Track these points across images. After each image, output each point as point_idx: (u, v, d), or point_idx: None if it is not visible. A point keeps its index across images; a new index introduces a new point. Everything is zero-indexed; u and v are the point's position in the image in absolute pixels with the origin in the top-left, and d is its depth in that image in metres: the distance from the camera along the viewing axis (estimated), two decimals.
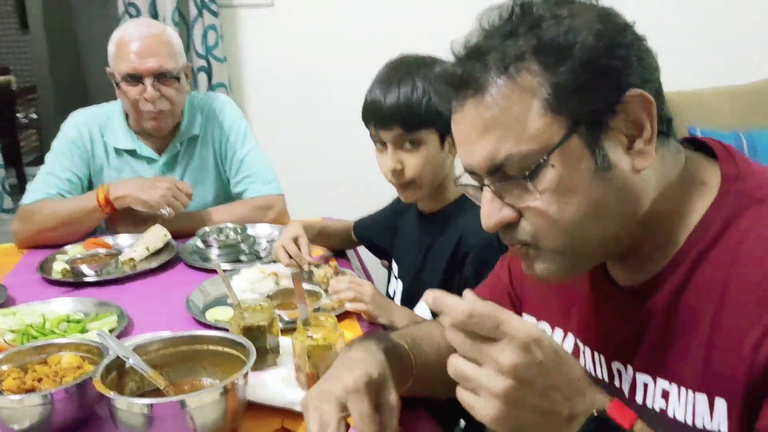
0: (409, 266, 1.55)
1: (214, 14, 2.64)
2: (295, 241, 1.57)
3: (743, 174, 0.77)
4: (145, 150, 1.93)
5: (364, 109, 1.41)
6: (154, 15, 2.63)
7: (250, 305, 1.21)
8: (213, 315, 1.38)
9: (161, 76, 1.80)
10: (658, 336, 0.78)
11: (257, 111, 2.80)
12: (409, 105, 1.34)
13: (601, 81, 0.72)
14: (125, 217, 1.85)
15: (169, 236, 1.75)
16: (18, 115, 4.43)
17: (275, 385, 1.10)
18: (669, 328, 0.77)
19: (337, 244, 1.79)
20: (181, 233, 1.79)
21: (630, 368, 0.82)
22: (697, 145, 0.83)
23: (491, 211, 0.77)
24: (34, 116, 4.54)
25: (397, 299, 1.57)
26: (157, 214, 1.76)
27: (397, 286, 1.59)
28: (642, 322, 0.79)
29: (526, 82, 0.72)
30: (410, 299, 1.50)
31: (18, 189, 2.95)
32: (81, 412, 1.03)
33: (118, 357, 1.02)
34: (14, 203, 2.38)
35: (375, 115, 1.38)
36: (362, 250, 1.88)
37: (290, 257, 1.55)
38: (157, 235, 1.73)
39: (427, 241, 1.49)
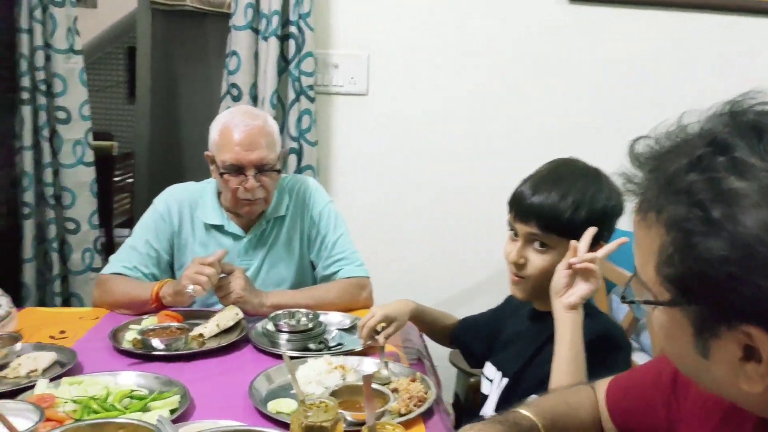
0: (513, 362, 1.47)
1: (311, 99, 2.71)
2: (388, 323, 1.58)
3: None
4: (233, 227, 1.96)
5: (511, 196, 1.43)
6: (254, 97, 2.73)
7: (314, 402, 1.15)
8: (275, 406, 1.33)
9: (262, 168, 1.84)
10: None
11: (341, 194, 2.84)
12: (553, 209, 1.35)
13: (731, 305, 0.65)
14: None
15: (241, 315, 1.73)
16: (115, 179, 4.66)
17: None
18: None
19: (436, 337, 1.81)
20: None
21: None
22: None
23: None
24: (130, 180, 4.76)
25: (493, 398, 1.47)
26: (186, 293, 1.72)
27: (492, 386, 1.50)
28: None
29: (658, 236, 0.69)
30: (511, 394, 1.41)
31: (106, 249, 3.06)
32: None
33: None
34: (103, 263, 2.44)
35: (518, 206, 1.40)
36: None
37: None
38: (229, 314, 1.72)
39: (540, 337, 1.43)
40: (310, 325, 1.68)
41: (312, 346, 1.64)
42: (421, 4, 2.74)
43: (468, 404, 2.37)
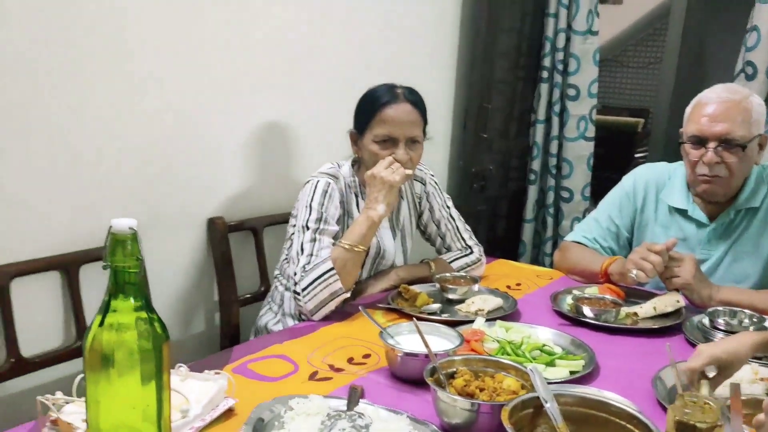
0: None
1: None
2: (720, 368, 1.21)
3: None
4: (697, 213, 1.87)
5: None
6: None
7: (697, 401, 1.08)
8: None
9: (726, 143, 1.71)
10: None
11: None
12: None
13: None
14: None
15: (682, 303, 1.67)
16: (637, 155, 4.74)
17: None
18: None
19: None
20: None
21: None
22: None
23: None
24: (642, 159, 4.77)
25: None
26: (629, 276, 1.71)
27: None
28: None
29: None
30: None
31: None
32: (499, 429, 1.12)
33: (539, 397, 1.07)
34: None
35: None
36: None
37: None
38: (669, 299, 1.67)
39: None
40: (751, 329, 1.51)
41: None
42: None
43: None
